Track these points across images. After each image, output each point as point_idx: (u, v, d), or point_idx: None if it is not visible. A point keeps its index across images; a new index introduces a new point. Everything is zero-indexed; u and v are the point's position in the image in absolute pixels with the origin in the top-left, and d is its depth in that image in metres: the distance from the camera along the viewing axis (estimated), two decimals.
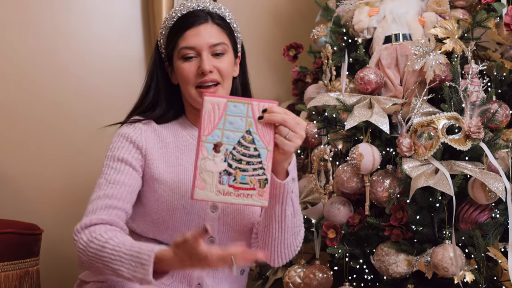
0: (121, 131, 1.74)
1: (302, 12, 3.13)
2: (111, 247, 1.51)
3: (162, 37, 1.77)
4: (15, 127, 2.76)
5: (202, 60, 1.68)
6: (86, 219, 1.60)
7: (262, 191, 1.41)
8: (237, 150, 1.40)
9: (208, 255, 1.33)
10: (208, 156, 1.40)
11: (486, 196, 1.97)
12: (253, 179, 1.41)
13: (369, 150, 2.12)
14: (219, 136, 1.40)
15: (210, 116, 1.40)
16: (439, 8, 2.25)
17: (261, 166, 1.41)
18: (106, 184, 1.65)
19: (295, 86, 2.81)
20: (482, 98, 2.07)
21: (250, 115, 1.41)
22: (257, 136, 1.41)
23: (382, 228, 2.09)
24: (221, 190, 1.40)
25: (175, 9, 1.75)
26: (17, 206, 2.72)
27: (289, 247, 1.68)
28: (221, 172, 1.40)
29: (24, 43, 2.78)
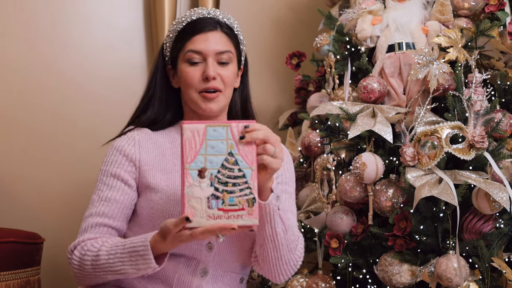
0: (115, 144, 1.75)
1: (305, 20, 3.13)
2: (105, 253, 1.57)
3: (169, 40, 1.77)
4: (15, 136, 2.75)
5: (208, 65, 1.69)
6: (77, 240, 1.66)
7: (252, 210, 1.41)
8: (221, 173, 1.41)
9: (193, 234, 1.41)
10: (194, 183, 1.41)
11: (490, 206, 1.96)
12: (241, 199, 1.41)
13: (372, 159, 2.11)
14: (202, 162, 1.41)
15: (191, 143, 1.41)
16: (443, 17, 2.25)
17: (247, 186, 1.41)
18: (98, 201, 1.68)
19: (297, 95, 2.80)
20: (486, 107, 2.06)
21: (230, 137, 1.42)
22: (239, 157, 1.42)
23: (385, 238, 2.08)
24: (211, 214, 1.41)
25: (185, 14, 1.76)
26: (18, 215, 2.72)
27: (287, 264, 1.67)
28: (209, 197, 1.41)
29: (24, 52, 2.78)
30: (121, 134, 1.77)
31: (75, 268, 1.64)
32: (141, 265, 1.51)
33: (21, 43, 2.77)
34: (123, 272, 1.55)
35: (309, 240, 2.32)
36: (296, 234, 1.69)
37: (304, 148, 2.48)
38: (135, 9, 2.95)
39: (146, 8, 2.95)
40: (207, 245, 1.67)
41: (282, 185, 1.77)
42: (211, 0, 2.92)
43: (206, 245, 1.67)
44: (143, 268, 1.52)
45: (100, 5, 2.90)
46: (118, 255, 1.55)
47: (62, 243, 2.66)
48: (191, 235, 1.42)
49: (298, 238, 1.71)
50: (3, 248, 2.20)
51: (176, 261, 1.66)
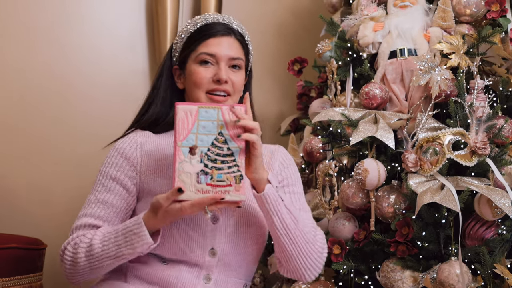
0: (116, 145, 1.74)
1: (307, 26, 3.13)
2: (99, 242, 1.59)
3: (180, 40, 1.77)
4: (16, 141, 2.75)
5: (220, 68, 1.70)
6: (69, 238, 1.66)
7: (239, 186, 1.49)
8: (211, 151, 1.50)
9: (182, 207, 1.48)
10: (185, 159, 1.49)
11: (492, 212, 1.96)
12: (229, 176, 1.50)
13: (374, 166, 2.11)
14: (194, 140, 1.50)
15: (184, 123, 1.50)
16: (444, 23, 2.25)
17: (235, 164, 1.50)
18: (94, 203, 1.69)
19: (299, 101, 2.80)
20: (488, 114, 2.07)
21: (220, 118, 1.51)
22: (229, 137, 1.51)
23: (387, 244, 2.07)
24: (199, 189, 1.49)
25: (199, 16, 1.77)
26: (20, 221, 2.72)
27: (309, 256, 1.64)
28: (198, 173, 1.49)
29: (24, 56, 2.78)
30: (123, 135, 1.77)
31: (67, 264, 1.63)
32: (136, 243, 1.54)
33: (21, 47, 2.77)
34: (119, 255, 1.56)
35: None
36: (311, 226, 1.67)
37: (306, 154, 2.48)
38: (137, 14, 2.95)
39: (148, 13, 2.95)
40: (210, 251, 1.66)
41: (290, 186, 1.77)
42: (214, 6, 2.92)
43: (209, 251, 1.66)
44: (138, 246, 1.54)
45: (102, 9, 2.91)
46: (112, 240, 1.57)
47: None
48: (180, 208, 1.48)
49: (316, 229, 1.68)
50: (5, 254, 2.20)
51: (178, 267, 1.66)
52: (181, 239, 1.64)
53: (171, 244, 1.63)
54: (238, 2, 3.09)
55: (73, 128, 2.83)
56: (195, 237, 1.65)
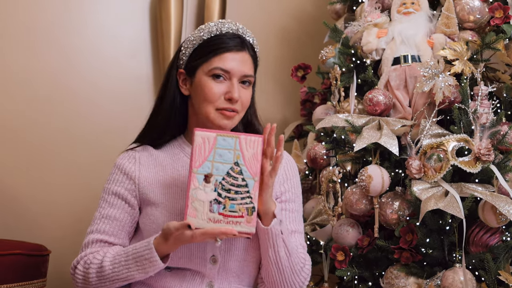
0: (117, 162, 1.78)
1: (311, 33, 3.14)
2: (109, 263, 1.62)
3: (190, 45, 1.74)
4: (21, 149, 2.75)
5: (233, 87, 1.67)
6: (79, 256, 1.69)
7: (250, 218, 1.50)
8: (226, 181, 1.51)
9: (194, 235, 1.50)
10: (199, 186, 1.50)
11: (496, 219, 1.95)
12: (241, 207, 1.50)
13: (378, 172, 2.11)
14: (209, 168, 1.51)
15: (201, 149, 1.51)
16: (448, 30, 2.25)
17: (248, 195, 1.51)
18: (100, 219, 1.72)
19: (303, 107, 2.80)
20: (492, 120, 2.06)
21: (238, 148, 1.52)
22: (244, 168, 1.51)
23: (391, 250, 2.07)
24: (211, 218, 1.50)
25: (214, 23, 1.73)
26: (24, 227, 2.72)
27: (292, 285, 1.69)
28: (212, 201, 1.50)
29: (30, 65, 2.78)
30: (126, 150, 1.79)
31: (79, 283, 1.67)
32: (148, 268, 1.58)
33: (25, 54, 2.78)
34: (130, 278, 1.61)
35: (314, 252, 2.32)
36: (301, 257, 1.70)
37: (310, 160, 2.48)
38: (141, 20, 2.95)
39: (152, 19, 2.96)
40: (211, 258, 1.67)
41: (289, 202, 1.77)
42: (218, 12, 2.92)
43: (210, 258, 1.66)
44: (150, 270, 1.58)
45: (106, 15, 2.91)
46: (122, 263, 1.60)
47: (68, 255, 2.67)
48: (192, 236, 1.50)
49: (305, 261, 1.72)
50: (10, 260, 2.20)
51: (181, 275, 1.67)
52: (183, 248, 1.65)
53: (173, 253, 1.64)
54: (241, 8, 3.10)
55: (77, 136, 2.83)
56: (195, 245, 1.66)
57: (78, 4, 2.86)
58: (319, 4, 3.18)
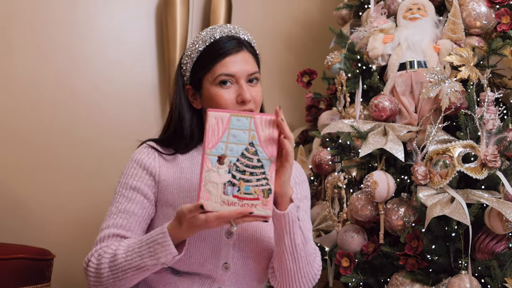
0: (134, 156, 1.73)
1: (316, 38, 3.14)
2: (123, 252, 1.56)
3: (189, 60, 1.73)
4: (26, 153, 2.76)
5: (242, 89, 1.65)
6: (93, 250, 1.63)
7: (266, 200, 1.43)
8: (240, 162, 1.44)
9: (208, 219, 1.42)
10: (212, 168, 1.43)
11: (503, 226, 1.94)
12: (257, 189, 1.43)
13: (383, 178, 2.10)
14: (223, 149, 1.44)
15: (214, 130, 1.45)
16: (454, 36, 2.25)
17: (264, 176, 1.43)
18: (116, 213, 1.67)
19: (308, 112, 2.80)
20: (498, 126, 2.05)
21: (253, 127, 1.45)
22: (260, 148, 1.44)
23: (396, 257, 2.06)
24: (225, 200, 1.42)
25: (205, 32, 1.73)
26: (28, 231, 2.72)
27: (306, 276, 1.65)
28: (226, 183, 1.43)
29: (36, 68, 2.79)
30: (144, 146, 1.74)
31: (91, 277, 1.60)
32: (161, 253, 1.50)
33: (31, 57, 2.79)
34: (143, 266, 1.53)
35: None
36: (314, 247, 1.69)
37: (315, 166, 2.47)
38: (147, 25, 2.96)
39: (158, 24, 2.96)
40: (223, 265, 1.66)
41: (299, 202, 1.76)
42: (223, 17, 2.93)
43: (223, 265, 1.65)
44: (162, 256, 1.50)
45: (112, 20, 2.92)
46: (136, 250, 1.54)
47: (72, 259, 2.67)
48: (205, 220, 1.42)
49: (316, 251, 1.70)
50: (14, 265, 2.20)
51: (191, 279, 1.65)
52: (195, 253, 1.63)
53: (185, 258, 1.62)
54: (247, 14, 3.10)
55: (82, 140, 2.83)
56: (209, 251, 1.64)
57: (84, 7, 2.87)
58: (325, 9, 3.18)
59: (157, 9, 2.98)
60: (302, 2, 3.20)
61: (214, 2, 2.94)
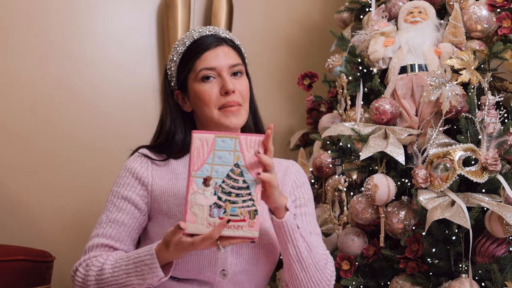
0: (128, 165, 1.72)
1: (317, 41, 3.14)
2: (110, 267, 1.55)
3: (173, 64, 1.73)
4: (27, 154, 2.76)
5: (225, 80, 1.66)
6: (81, 259, 1.64)
7: (252, 222, 1.42)
8: (226, 183, 1.43)
9: (194, 242, 1.41)
10: (198, 190, 1.42)
11: (503, 230, 1.94)
12: (243, 210, 1.42)
13: (384, 181, 2.10)
14: (208, 171, 1.43)
15: (199, 152, 1.43)
16: (455, 39, 2.25)
17: (250, 197, 1.42)
18: (106, 223, 1.67)
19: (309, 115, 2.80)
20: (499, 130, 2.05)
21: (238, 148, 1.44)
22: (245, 169, 1.43)
23: (397, 260, 2.06)
24: (211, 222, 1.42)
25: (185, 35, 1.73)
26: (28, 233, 2.72)
27: (318, 284, 1.62)
28: (211, 205, 1.42)
29: (37, 70, 2.79)
30: (137, 154, 1.74)
31: (78, 286, 1.61)
32: (147, 275, 1.49)
33: (33, 61, 2.79)
34: (129, 284, 1.52)
35: None
36: (322, 253, 1.66)
37: (316, 169, 2.47)
38: (148, 27, 2.96)
39: (159, 27, 2.97)
40: (221, 272, 1.64)
41: (302, 207, 1.75)
42: (224, 20, 2.93)
43: (220, 272, 1.65)
44: (149, 278, 1.49)
45: (113, 23, 2.92)
46: (123, 267, 1.54)
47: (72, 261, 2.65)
48: (191, 243, 1.42)
49: (327, 257, 1.67)
50: (14, 266, 2.19)
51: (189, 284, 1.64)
52: (192, 261, 1.62)
53: (182, 266, 1.62)
54: (248, 17, 3.10)
55: (83, 141, 2.83)
56: (206, 259, 1.63)
57: (85, 10, 2.87)
58: (326, 12, 3.18)
59: (158, 12, 2.98)
60: (303, 5, 3.21)
61: (215, 5, 2.94)
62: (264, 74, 3.08)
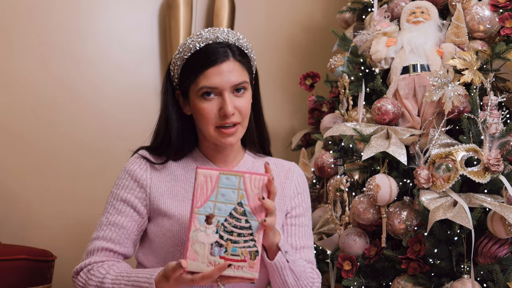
0: (127, 167, 1.72)
1: (319, 41, 3.14)
2: (110, 281, 1.56)
3: (176, 67, 1.70)
4: (28, 155, 2.76)
5: (225, 102, 1.61)
6: (83, 262, 1.64)
7: (253, 263, 1.42)
8: (228, 222, 1.43)
9: (194, 280, 1.41)
10: (200, 227, 1.42)
11: (505, 230, 1.94)
12: (244, 251, 1.42)
13: (386, 181, 2.10)
14: (211, 208, 1.43)
15: (203, 188, 1.44)
16: (458, 39, 2.24)
17: (251, 238, 1.43)
18: (106, 225, 1.67)
19: (311, 115, 2.80)
20: (501, 130, 2.05)
21: (242, 187, 1.43)
22: (248, 208, 1.43)
23: (398, 261, 2.05)
24: (212, 261, 1.42)
25: (191, 39, 1.66)
26: (30, 232, 2.72)
27: None
28: (213, 244, 1.42)
29: (39, 71, 2.79)
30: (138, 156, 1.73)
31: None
32: None
33: (35, 62, 2.79)
34: None
35: (321, 262, 2.31)
36: (310, 277, 1.67)
37: (317, 169, 2.47)
38: (150, 28, 2.96)
39: (161, 27, 2.97)
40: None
41: (299, 217, 1.76)
42: (226, 21, 2.93)
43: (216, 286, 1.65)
44: None
45: (115, 23, 2.92)
46: (122, 286, 1.54)
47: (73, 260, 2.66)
48: (192, 280, 1.42)
49: (313, 279, 1.68)
50: (15, 265, 2.20)
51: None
52: None
53: None
54: (250, 17, 3.10)
55: (85, 142, 2.83)
56: None
57: (87, 11, 2.87)
58: (328, 13, 3.18)
59: (160, 12, 2.98)
60: (305, 5, 3.21)
61: (217, 5, 2.94)
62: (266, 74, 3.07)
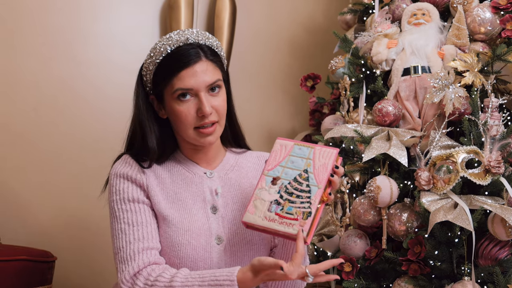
0: (117, 172, 1.69)
1: (320, 43, 3.14)
2: (180, 283, 1.53)
3: (149, 72, 1.69)
4: (30, 155, 2.76)
5: (202, 102, 1.62)
6: (129, 267, 1.58)
7: (303, 222, 1.49)
8: (291, 185, 1.54)
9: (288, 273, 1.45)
10: (265, 186, 1.55)
11: (506, 232, 1.94)
12: (298, 210, 1.51)
13: (386, 183, 2.10)
14: (279, 172, 1.56)
15: (277, 155, 1.59)
16: (459, 41, 2.24)
17: (308, 200, 1.51)
18: (130, 229, 1.63)
19: (312, 117, 2.80)
20: (502, 132, 2.05)
21: (311, 157, 1.56)
22: (312, 175, 1.54)
23: (399, 262, 2.05)
24: (267, 216, 1.52)
25: (162, 43, 1.66)
26: (30, 233, 2.72)
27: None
28: (272, 201, 1.53)
29: (41, 72, 2.79)
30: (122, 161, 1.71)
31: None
32: None
33: (37, 62, 2.79)
34: None
35: None
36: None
37: None
38: (151, 29, 2.96)
39: (162, 28, 2.97)
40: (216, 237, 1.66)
41: None
42: (227, 22, 2.93)
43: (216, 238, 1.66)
44: None
45: (116, 24, 2.92)
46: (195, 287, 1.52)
47: (73, 261, 2.67)
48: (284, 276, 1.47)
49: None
50: (15, 266, 2.19)
51: None
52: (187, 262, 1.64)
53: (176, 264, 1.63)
54: (251, 18, 3.10)
55: (86, 142, 2.83)
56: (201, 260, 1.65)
57: (89, 12, 2.87)
58: (329, 14, 3.18)
59: (162, 14, 2.98)
60: (306, 7, 3.21)
61: (218, 6, 2.94)
62: (267, 75, 3.08)
